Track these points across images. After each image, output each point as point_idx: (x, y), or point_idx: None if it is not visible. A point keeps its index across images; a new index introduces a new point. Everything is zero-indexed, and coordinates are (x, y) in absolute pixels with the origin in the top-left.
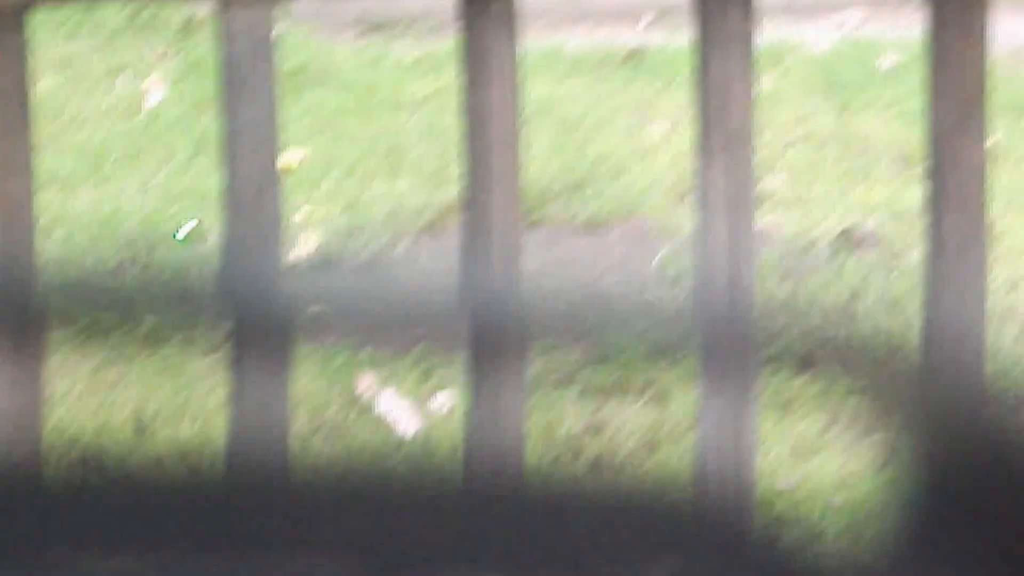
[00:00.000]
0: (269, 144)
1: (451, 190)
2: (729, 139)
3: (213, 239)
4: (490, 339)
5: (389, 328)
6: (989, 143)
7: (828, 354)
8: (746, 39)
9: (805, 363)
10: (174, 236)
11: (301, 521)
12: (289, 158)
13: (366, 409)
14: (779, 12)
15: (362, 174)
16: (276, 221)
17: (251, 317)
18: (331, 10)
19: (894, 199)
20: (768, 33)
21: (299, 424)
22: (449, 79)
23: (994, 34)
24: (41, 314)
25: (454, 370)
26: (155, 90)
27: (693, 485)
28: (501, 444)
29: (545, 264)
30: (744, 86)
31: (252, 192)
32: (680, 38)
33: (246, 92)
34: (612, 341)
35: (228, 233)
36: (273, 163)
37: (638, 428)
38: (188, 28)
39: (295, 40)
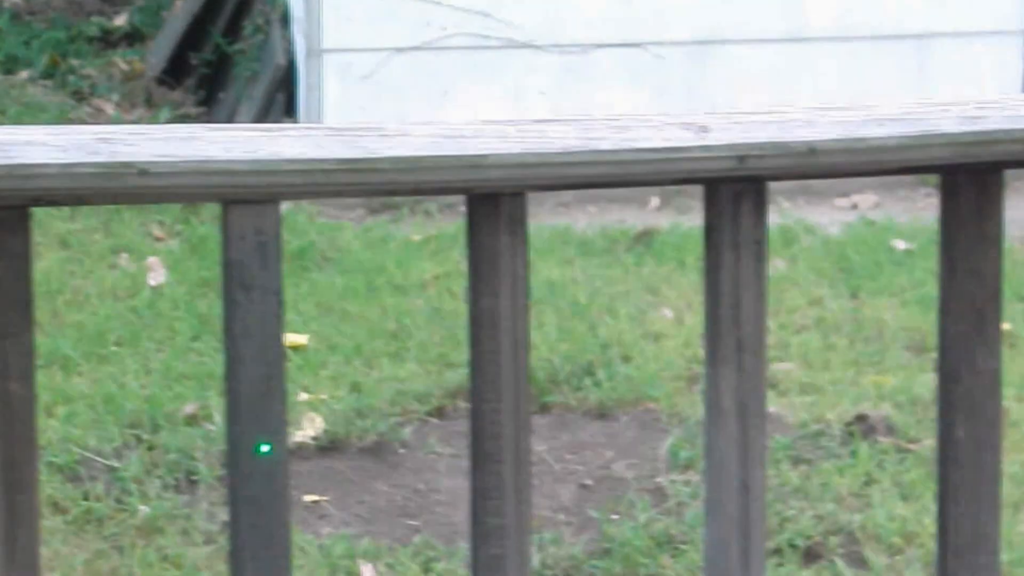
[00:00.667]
0: (274, 343)
1: (457, 373)
2: (740, 345)
3: (214, 421)
4: (494, 534)
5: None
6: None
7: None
8: (759, 243)
9: (812, 555)
10: (256, 450)
11: None
12: (295, 339)
13: None
14: (792, 194)
15: (367, 356)
16: (281, 417)
17: (253, 505)
18: None
19: (907, 385)
20: (780, 215)
21: None
22: (456, 260)
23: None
24: (35, 499)
25: (455, 562)
26: (156, 270)
27: None
28: None
29: (554, 449)
30: (756, 291)
31: (257, 391)
32: (689, 220)
33: (251, 296)
34: (615, 533)
35: (231, 429)
36: (279, 361)
37: None
38: (189, 209)
39: (301, 220)
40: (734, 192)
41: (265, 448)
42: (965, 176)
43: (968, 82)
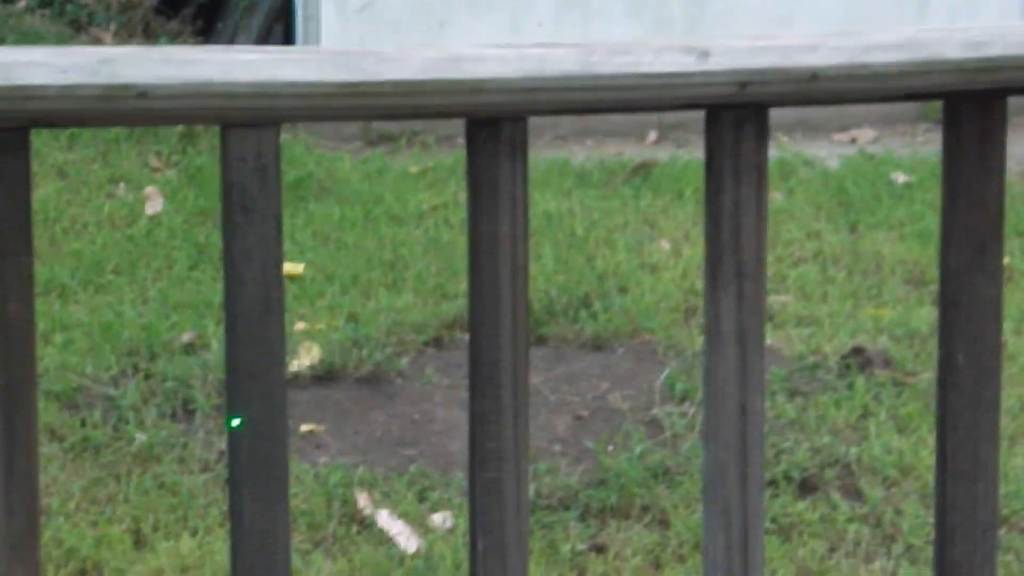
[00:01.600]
0: (273, 266)
1: (453, 304)
2: (740, 269)
3: (212, 349)
4: (492, 457)
5: (385, 449)
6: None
7: (833, 476)
8: (759, 168)
9: (807, 488)
10: (228, 423)
11: None
12: (291, 269)
13: (367, 525)
14: (790, 128)
15: (364, 286)
16: (280, 342)
17: (252, 432)
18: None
19: (904, 318)
20: (779, 149)
21: (300, 539)
22: (452, 192)
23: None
24: (34, 420)
25: (450, 491)
26: (154, 200)
27: None
28: (504, 562)
29: (550, 380)
30: (756, 216)
31: (256, 313)
32: (687, 153)
33: (250, 218)
34: (611, 464)
35: (230, 353)
36: (278, 286)
37: (641, 548)
38: (187, 138)
39: (299, 151)
40: (735, 118)
41: (236, 422)
42: (968, 103)
43: (968, 18)
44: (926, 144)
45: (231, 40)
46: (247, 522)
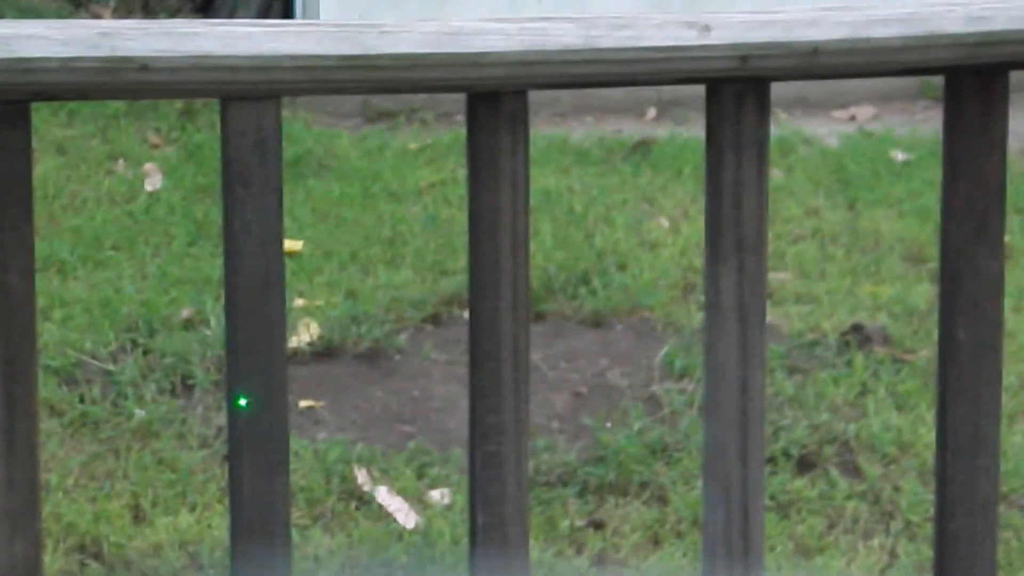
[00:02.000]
0: (274, 241)
1: (452, 280)
2: (740, 244)
3: (211, 325)
4: (492, 431)
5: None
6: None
7: (832, 454)
8: (760, 143)
9: (806, 464)
10: (236, 402)
11: None
12: (290, 245)
13: (366, 501)
14: (789, 106)
15: (363, 263)
16: (280, 317)
17: (252, 407)
18: (334, 98)
19: (903, 295)
20: (778, 126)
21: (299, 515)
22: (451, 168)
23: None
24: (34, 393)
25: (449, 468)
26: (153, 176)
27: None
28: (505, 537)
29: (549, 357)
30: (757, 191)
31: (256, 288)
32: (686, 131)
33: (250, 191)
34: (609, 440)
35: (229, 329)
36: (278, 260)
37: (639, 524)
38: (186, 115)
39: (297, 128)
40: (736, 93)
41: (243, 402)
42: (970, 78)
43: None
44: (925, 122)
45: (230, 15)
46: (247, 497)
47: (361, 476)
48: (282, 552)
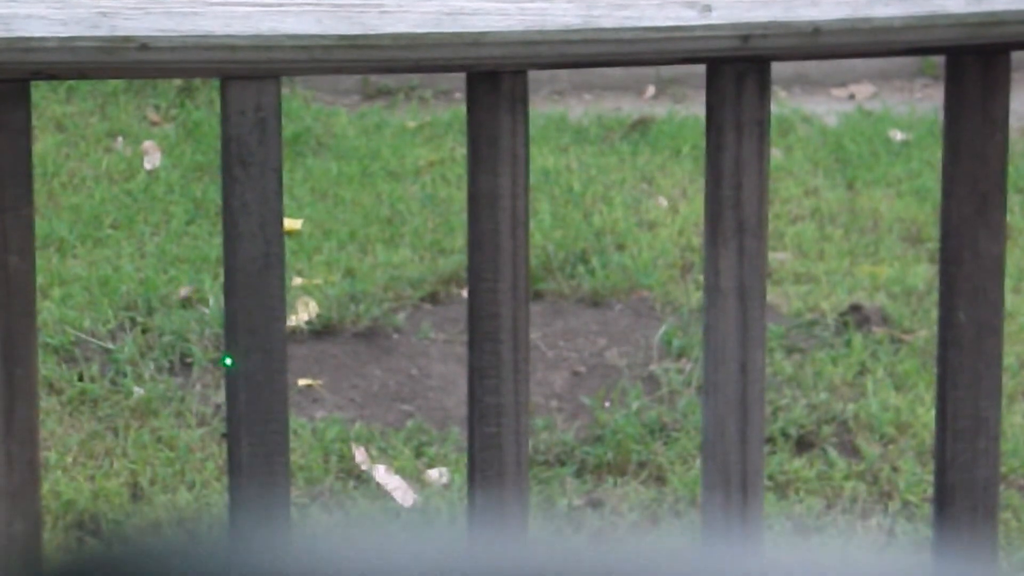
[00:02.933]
0: (273, 220)
1: (451, 260)
2: (741, 225)
3: (209, 304)
4: (491, 412)
5: (382, 404)
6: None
7: (830, 433)
8: (761, 123)
9: (804, 444)
10: (223, 362)
11: None
12: (289, 224)
13: (364, 480)
14: (788, 84)
15: (362, 241)
16: (280, 296)
17: (251, 386)
18: (333, 75)
19: (902, 276)
20: (777, 105)
21: (297, 493)
22: (450, 147)
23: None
24: (34, 372)
25: (447, 447)
26: (152, 154)
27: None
28: (504, 517)
29: (547, 336)
30: (758, 172)
31: (255, 268)
32: (685, 109)
33: (250, 171)
34: (607, 420)
35: (228, 310)
36: (278, 241)
37: (638, 504)
38: (185, 92)
39: (296, 106)
40: (737, 72)
41: (228, 361)
42: (971, 58)
43: None
44: (924, 100)
45: None
46: (246, 476)
47: (359, 455)
48: (282, 531)
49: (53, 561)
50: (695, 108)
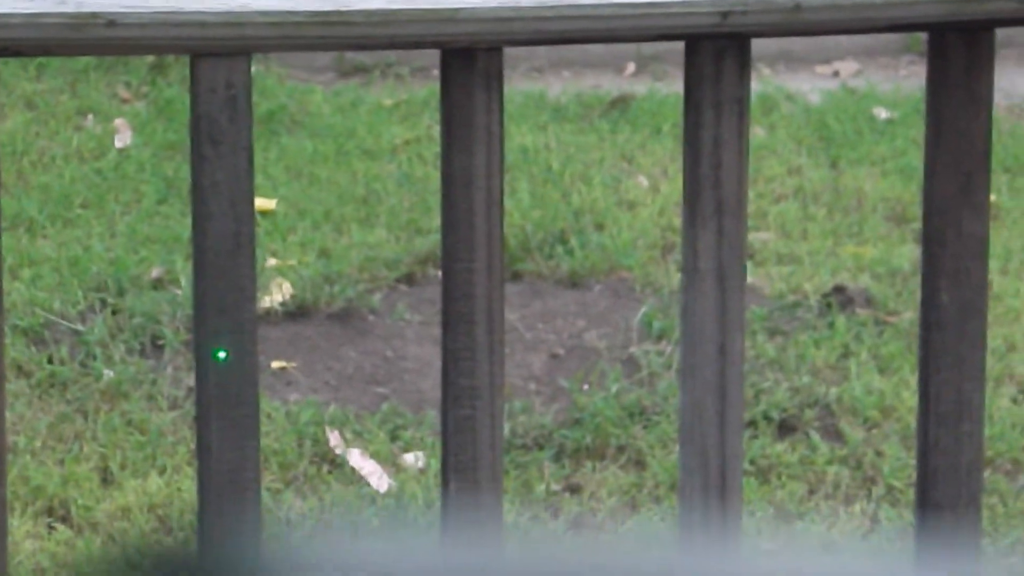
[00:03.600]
0: (244, 200)
1: (427, 240)
2: (720, 206)
3: (181, 285)
4: (466, 394)
5: (356, 386)
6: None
7: (813, 417)
8: (740, 101)
9: (786, 428)
10: (215, 355)
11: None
12: (263, 204)
13: (338, 464)
14: (772, 61)
15: (336, 221)
16: (250, 277)
17: (222, 369)
18: (307, 53)
19: (886, 256)
20: (760, 82)
21: (271, 478)
22: (426, 125)
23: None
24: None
25: (423, 430)
26: (123, 132)
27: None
28: (478, 502)
29: (525, 318)
30: (737, 151)
31: (225, 248)
32: (666, 87)
33: (220, 150)
34: (586, 403)
35: (198, 290)
36: (248, 220)
37: (616, 489)
38: (157, 69)
39: (270, 83)
40: (716, 49)
41: (222, 355)
42: (954, 35)
43: None
44: (909, 78)
45: None
46: (216, 460)
47: (334, 438)
48: (253, 516)
49: None
50: (676, 86)
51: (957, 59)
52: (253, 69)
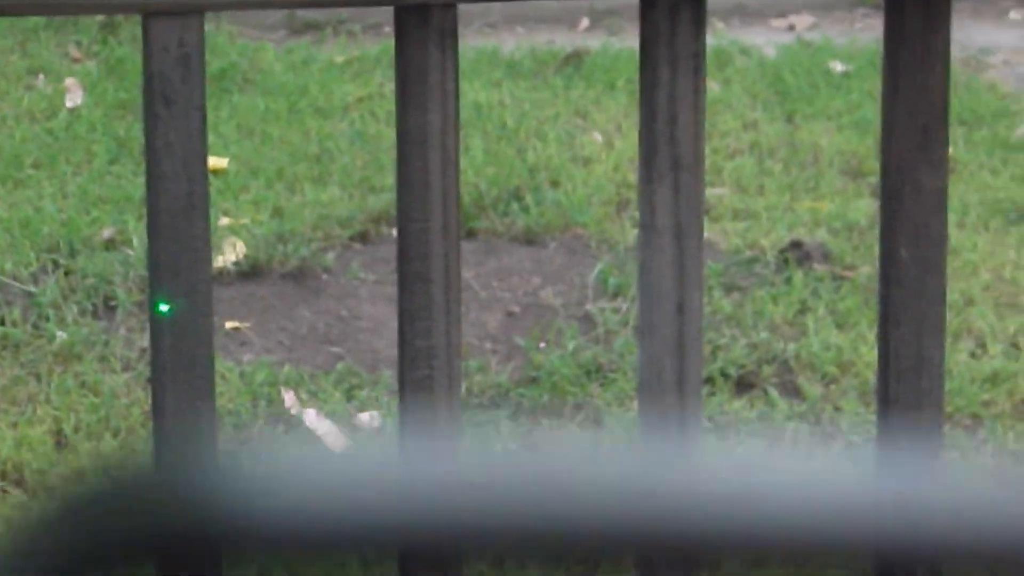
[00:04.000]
0: (197, 159)
1: (381, 198)
2: (676, 162)
3: (133, 245)
4: (422, 355)
5: (311, 346)
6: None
7: (771, 374)
8: (696, 57)
9: (744, 385)
10: (156, 309)
11: (234, 533)
12: (215, 162)
13: (294, 424)
14: (727, 14)
15: (289, 180)
16: (204, 237)
17: (176, 330)
18: (259, 11)
19: (842, 211)
20: (715, 37)
21: (225, 438)
22: (379, 83)
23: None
24: None
25: (378, 390)
26: (74, 92)
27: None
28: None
29: (480, 276)
30: (693, 107)
31: (179, 208)
32: (620, 42)
33: (173, 110)
34: (542, 361)
35: (152, 251)
36: (201, 181)
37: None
38: (108, 28)
39: (221, 41)
40: (671, 4)
41: (164, 308)
42: None
43: None
44: (865, 31)
45: None
46: (171, 422)
47: (288, 399)
48: (208, 477)
49: None
50: (630, 40)
51: (913, 11)
52: (205, 28)
